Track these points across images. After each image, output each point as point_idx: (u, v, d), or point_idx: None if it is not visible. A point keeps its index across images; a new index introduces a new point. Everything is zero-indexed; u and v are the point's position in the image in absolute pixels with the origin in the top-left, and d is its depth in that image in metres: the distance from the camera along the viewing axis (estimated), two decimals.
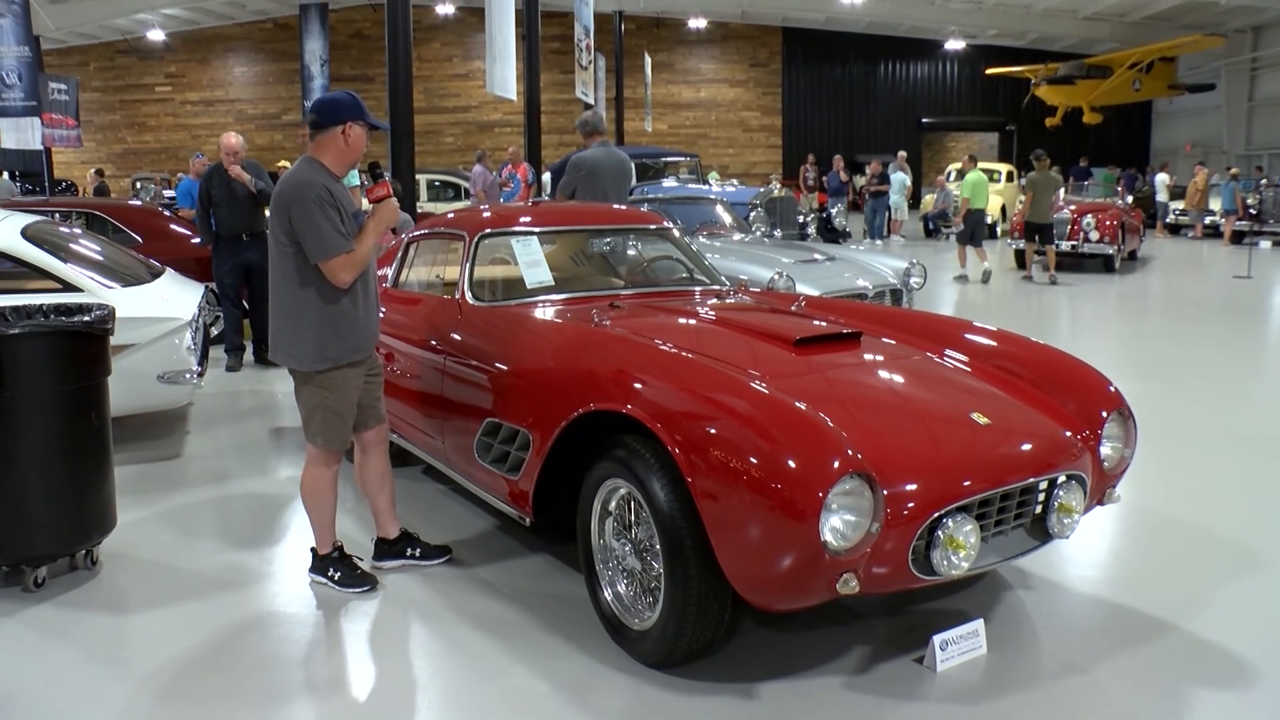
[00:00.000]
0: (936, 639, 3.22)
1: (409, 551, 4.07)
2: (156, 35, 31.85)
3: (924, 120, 34.79)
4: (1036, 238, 14.23)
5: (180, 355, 5.48)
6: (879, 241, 19.31)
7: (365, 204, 4.41)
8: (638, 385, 3.25)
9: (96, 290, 5.36)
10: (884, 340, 4.06)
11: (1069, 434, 3.37)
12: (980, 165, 16.39)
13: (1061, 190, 17.54)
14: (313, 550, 3.95)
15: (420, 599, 3.78)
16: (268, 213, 8.06)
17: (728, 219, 9.72)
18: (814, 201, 21.69)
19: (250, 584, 3.96)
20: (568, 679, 3.17)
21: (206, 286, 6.58)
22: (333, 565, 3.90)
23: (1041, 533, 3.29)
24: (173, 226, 9.22)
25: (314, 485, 3.83)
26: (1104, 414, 3.48)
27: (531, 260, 4.63)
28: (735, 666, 3.22)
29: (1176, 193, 23.42)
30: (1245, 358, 8.93)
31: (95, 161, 29.76)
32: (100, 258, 6.00)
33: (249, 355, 8.36)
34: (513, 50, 11.79)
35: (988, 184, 15.00)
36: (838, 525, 2.77)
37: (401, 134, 8.79)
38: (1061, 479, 3.25)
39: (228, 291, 8.03)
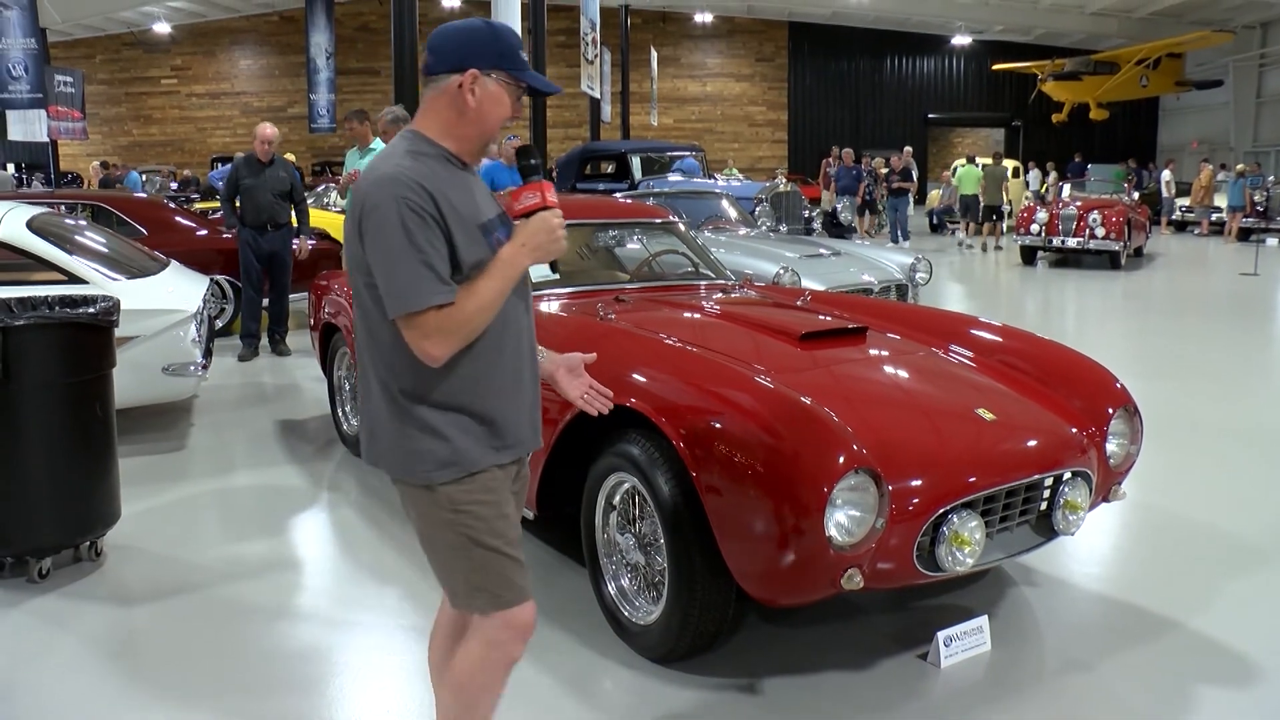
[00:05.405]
0: (941, 635, 3.22)
1: None
2: (162, 28, 31.89)
3: (930, 116, 34.75)
4: (994, 216, 18.48)
5: (185, 347, 5.49)
6: (906, 242, 17.29)
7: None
8: (642, 379, 3.24)
9: (101, 282, 5.36)
10: (889, 336, 4.05)
11: (1075, 430, 3.36)
12: (981, 161, 19.68)
13: (1066, 186, 18.48)
14: None
15: (423, 591, 3.78)
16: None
17: (733, 213, 9.71)
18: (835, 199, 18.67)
19: (254, 576, 3.96)
20: (571, 673, 3.17)
21: (211, 279, 6.59)
22: None
23: (1047, 529, 3.28)
24: (177, 219, 9.24)
25: (475, 673, 2.25)
26: (1110, 410, 3.47)
27: None
28: (739, 661, 3.22)
29: (1182, 189, 23.39)
30: (1252, 355, 8.90)
31: (101, 154, 29.78)
32: (105, 250, 6.00)
33: (262, 344, 8.39)
34: None
35: (978, 176, 18.89)
36: (843, 521, 2.76)
37: None
38: (1067, 475, 3.24)
39: (252, 279, 8.06)
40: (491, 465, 2.17)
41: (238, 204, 8.01)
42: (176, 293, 5.72)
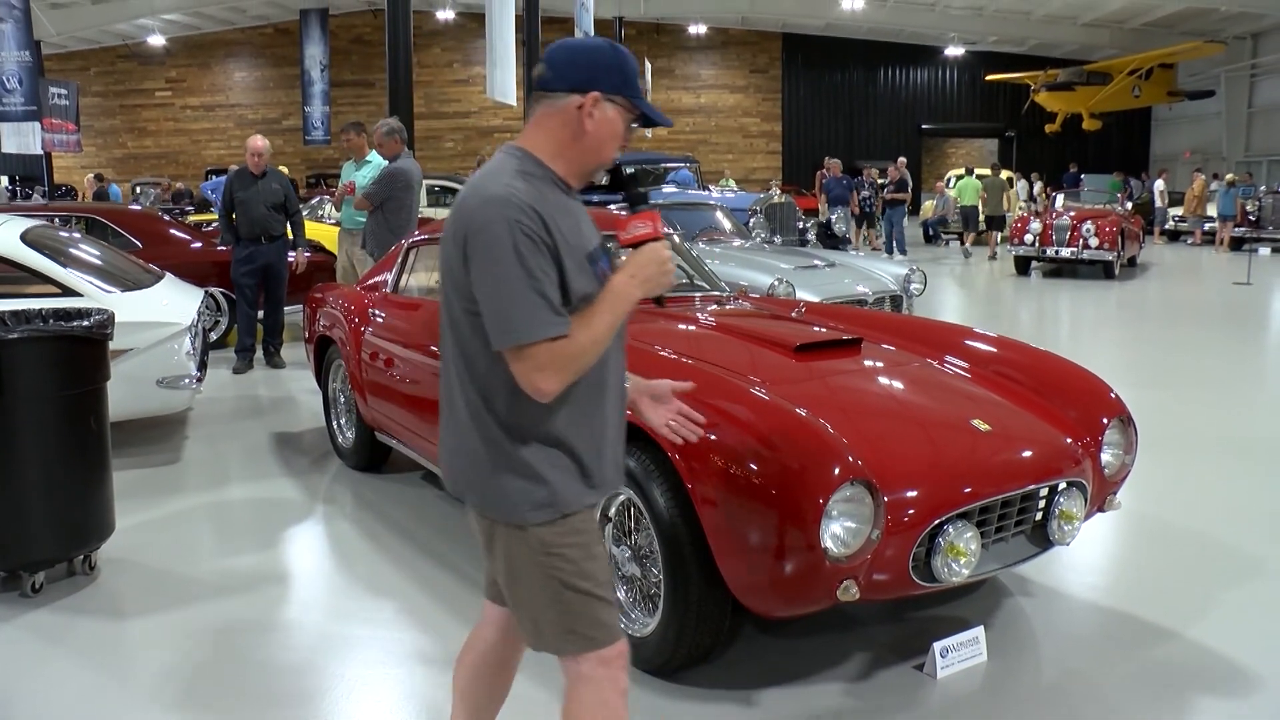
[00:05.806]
0: (937, 646, 3.21)
1: None
2: (157, 40, 31.90)
3: (924, 126, 34.85)
4: (993, 226, 18.96)
5: (179, 360, 5.48)
6: (903, 256, 16.76)
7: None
8: None
9: (96, 295, 5.35)
10: (884, 347, 4.05)
11: (1070, 440, 3.37)
12: (978, 171, 20.33)
13: (1059, 196, 18.76)
14: None
15: (419, 604, 3.77)
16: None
17: (727, 225, 9.73)
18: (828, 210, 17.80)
19: (248, 589, 3.94)
20: None
21: (206, 291, 6.59)
22: None
23: (1042, 539, 3.28)
24: (172, 231, 9.24)
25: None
26: (1105, 420, 3.48)
27: None
28: (735, 673, 3.21)
29: (1174, 199, 23.48)
30: (1246, 364, 8.93)
31: (95, 166, 29.76)
32: (99, 262, 5.99)
33: (257, 356, 8.38)
34: (513, 55, 11.82)
35: (977, 187, 19.35)
36: (838, 532, 2.76)
37: None
38: (1062, 486, 3.24)
39: (245, 293, 8.06)
40: (584, 506, 2.07)
41: (234, 218, 8.01)
42: (171, 305, 5.72)
